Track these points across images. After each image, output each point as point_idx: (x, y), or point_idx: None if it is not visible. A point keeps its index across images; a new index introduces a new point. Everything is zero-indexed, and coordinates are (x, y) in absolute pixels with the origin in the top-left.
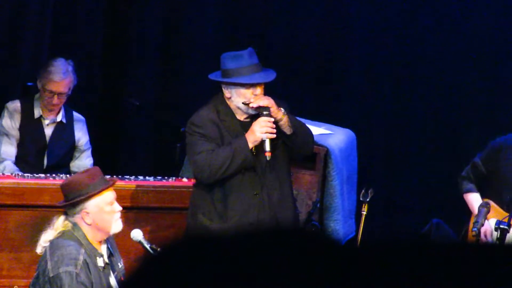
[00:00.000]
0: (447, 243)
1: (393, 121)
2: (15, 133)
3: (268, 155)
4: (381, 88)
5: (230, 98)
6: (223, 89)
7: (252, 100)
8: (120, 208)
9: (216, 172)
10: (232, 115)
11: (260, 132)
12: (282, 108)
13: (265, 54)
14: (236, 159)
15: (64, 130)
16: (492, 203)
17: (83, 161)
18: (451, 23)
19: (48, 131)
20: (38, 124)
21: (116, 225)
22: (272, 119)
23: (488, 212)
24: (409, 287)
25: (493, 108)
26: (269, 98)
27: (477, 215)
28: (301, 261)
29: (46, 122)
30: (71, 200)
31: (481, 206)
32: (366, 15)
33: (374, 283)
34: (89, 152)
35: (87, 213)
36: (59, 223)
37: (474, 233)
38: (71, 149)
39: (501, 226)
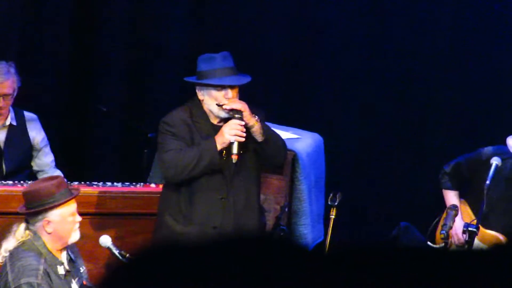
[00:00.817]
0: (415, 247)
1: (360, 125)
2: None
3: (234, 157)
4: (348, 92)
5: (203, 100)
6: (196, 91)
7: (226, 102)
8: (80, 219)
9: (182, 171)
10: (206, 118)
11: (229, 134)
12: (256, 115)
13: (234, 58)
14: (203, 160)
15: (17, 132)
16: (467, 207)
17: (43, 159)
18: (418, 27)
19: (1, 137)
20: None
21: (75, 235)
22: (243, 123)
23: (456, 215)
24: None
25: (461, 112)
26: (244, 103)
27: (446, 218)
28: (267, 266)
29: None
30: (34, 208)
31: (449, 209)
32: (334, 20)
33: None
34: (47, 149)
35: (49, 222)
36: (21, 231)
37: (442, 235)
38: (28, 150)
39: (470, 229)
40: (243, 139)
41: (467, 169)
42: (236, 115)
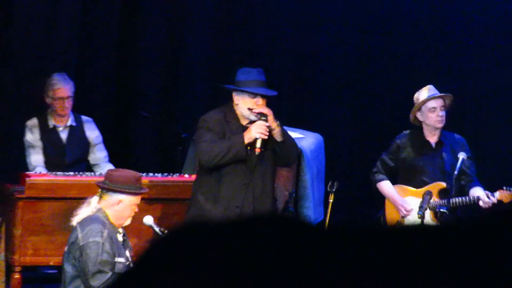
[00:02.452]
0: (401, 226)
1: (354, 126)
2: (39, 143)
3: (257, 151)
4: (343, 100)
5: (237, 104)
6: (233, 96)
7: (255, 107)
8: (137, 210)
9: (214, 158)
10: (237, 119)
11: (255, 131)
12: (278, 121)
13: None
14: (232, 150)
15: (76, 132)
16: (405, 186)
17: (97, 154)
18: (399, 43)
19: (63, 135)
20: (54, 132)
21: (129, 220)
22: (268, 124)
23: (430, 199)
24: (368, 264)
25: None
26: (269, 109)
27: (422, 202)
28: (281, 241)
29: (60, 128)
30: (116, 187)
31: (425, 194)
32: (333, 38)
33: (341, 259)
34: (101, 146)
35: (120, 201)
36: (94, 201)
37: (419, 216)
38: (86, 146)
39: (441, 210)
40: (266, 137)
41: (390, 158)
42: (263, 118)
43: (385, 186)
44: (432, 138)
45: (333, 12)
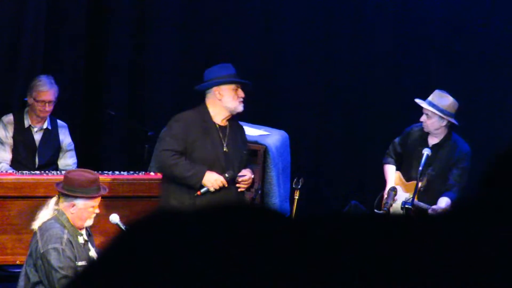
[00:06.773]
0: (366, 216)
1: (319, 124)
2: (10, 141)
3: (198, 193)
4: (307, 98)
5: (220, 99)
6: (215, 93)
7: (240, 99)
8: (98, 211)
9: (169, 176)
10: (210, 118)
11: (212, 184)
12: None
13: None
14: (191, 179)
15: (50, 135)
16: (401, 175)
17: (67, 160)
18: (358, 48)
19: (37, 137)
20: (28, 132)
21: (90, 221)
22: (226, 183)
23: (395, 195)
24: (333, 251)
25: (395, 112)
26: (251, 179)
27: (387, 197)
28: (250, 229)
29: (35, 129)
30: (67, 191)
31: (390, 190)
32: (296, 33)
33: (308, 246)
34: (72, 153)
35: (74, 205)
36: (52, 203)
37: (384, 212)
38: (57, 150)
39: (406, 206)
40: (213, 190)
41: (399, 143)
42: (228, 175)
43: (387, 170)
44: (435, 136)
45: (298, 11)
